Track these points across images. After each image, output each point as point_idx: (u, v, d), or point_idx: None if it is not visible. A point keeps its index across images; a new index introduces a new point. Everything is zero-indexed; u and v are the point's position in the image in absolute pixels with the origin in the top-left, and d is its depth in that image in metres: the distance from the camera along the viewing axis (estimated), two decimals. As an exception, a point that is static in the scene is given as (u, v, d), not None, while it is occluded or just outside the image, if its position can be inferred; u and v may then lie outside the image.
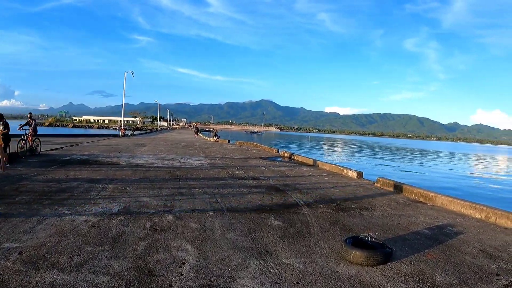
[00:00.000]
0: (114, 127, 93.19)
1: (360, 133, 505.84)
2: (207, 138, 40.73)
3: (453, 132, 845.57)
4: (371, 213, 6.40)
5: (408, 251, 4.37)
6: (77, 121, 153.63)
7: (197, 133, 45.54)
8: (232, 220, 5.38)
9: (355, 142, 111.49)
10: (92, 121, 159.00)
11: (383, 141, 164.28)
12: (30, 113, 14.71)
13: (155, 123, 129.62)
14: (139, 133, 54.42)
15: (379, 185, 9.74)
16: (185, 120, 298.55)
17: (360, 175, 11.32)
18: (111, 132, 60.08)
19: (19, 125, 13.59)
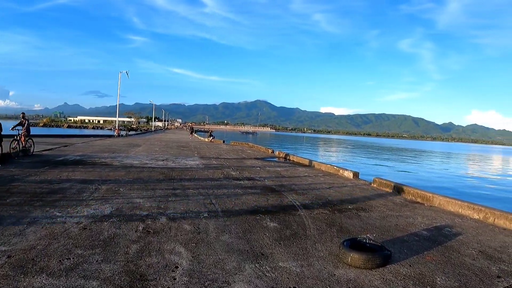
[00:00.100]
0: (109, 128, 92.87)
1: (355, 134, 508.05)
2: (202, 138, 40.63)
3: (448, 132, 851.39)
4: (368, 214, 6.31)
5: (407, 253, 4.28)
6: (72, 121, 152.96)
7: (192, 133, 45.36)
8: (226, 221, 5.27)
9: (350, 142, 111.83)
10: (87, 121, 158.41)
11: (378, 141, 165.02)
12: (23, 113, 14.51)
13: (150, 123, 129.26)
14: (134, 133, 54.18)
15: (375, 186, 9.67)
16: (180, 120, 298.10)
17: (356, 175, 11.27)
18: (106, 132, 59.82)
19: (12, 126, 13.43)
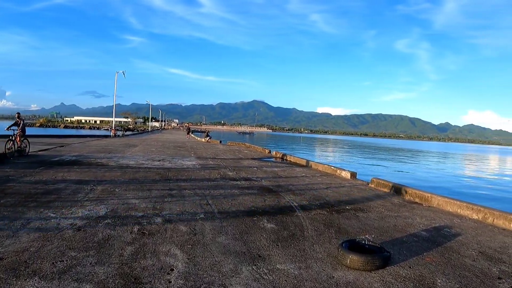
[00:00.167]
0: (105, 128, 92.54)
1: (352, 134, 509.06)
2: (199, 138, 40.49)
3: (445, 132, 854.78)
4: (367, 214, 6.25)
5: (406, 255, 4.21)
6: (69, 121, 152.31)
7: (189, 133, 45.24)
8: (223, 222, 5.18)
9: (347, 142, 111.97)
10: (83, 121, 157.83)
11: (375, 141, 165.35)
12: (18, 113, 14.34)
13: (147, 123, 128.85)
14: (130, 133, 54.00)
15: (373, 186, 9.62)
16: (177, 120, 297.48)
17: (353, 175, 11.22)
18: (102, 132, 59.57)
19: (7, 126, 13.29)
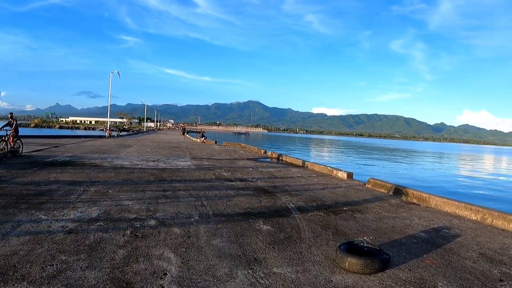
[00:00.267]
0: (100, 128, 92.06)
1: (347, 134, 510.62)
2: (194, 139, 40.30)
3: (440, 132, 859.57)
4: (364, 215, 6.15)
5: (406, 257, 4.11)
6: (64, 122, 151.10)
7: (184, 134, 45.02)
8: (218, 224, 5.05)
9: (342, 142, 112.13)
10: (78, 122, 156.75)
11: (370, 141, 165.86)
12: (11, 113, 14.13)
13: (142, 124, 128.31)
14: (125, 134, 53.67)
15: (370, 186, 9.53)
16: (172, 121, 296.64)
17: (350, 176, 11.12)
18: (97, 133, 59.23)
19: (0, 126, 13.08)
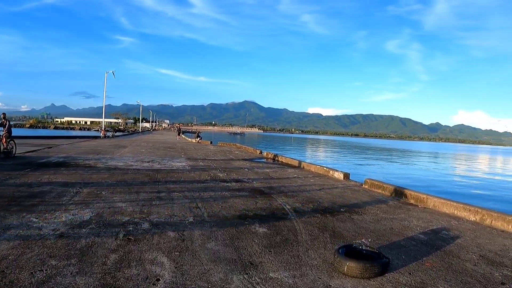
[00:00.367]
0: (95, 129, 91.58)
1: (343, 134, 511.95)
2: (189, 139, 40.12)
3: (435, 132, 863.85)
4: (362, 217, 6.05)
5: (405, 260, 4.01)
6: (59, 122, 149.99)
7: (179, 134, 44.83)
8: (213, 227, 4.93)
9: (338, 143, 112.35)
10: (74, 122, 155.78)
11: (366, 141, 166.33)
12: (3, 114, 13.94)
13: (138, 124, 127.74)
14: (121, 134, 53.41)
15: (367, 187, 9.45)
16: (168, 121, 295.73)
17: (347, 176, 11.04)
18: (92, 133, 58.86)
19: None
